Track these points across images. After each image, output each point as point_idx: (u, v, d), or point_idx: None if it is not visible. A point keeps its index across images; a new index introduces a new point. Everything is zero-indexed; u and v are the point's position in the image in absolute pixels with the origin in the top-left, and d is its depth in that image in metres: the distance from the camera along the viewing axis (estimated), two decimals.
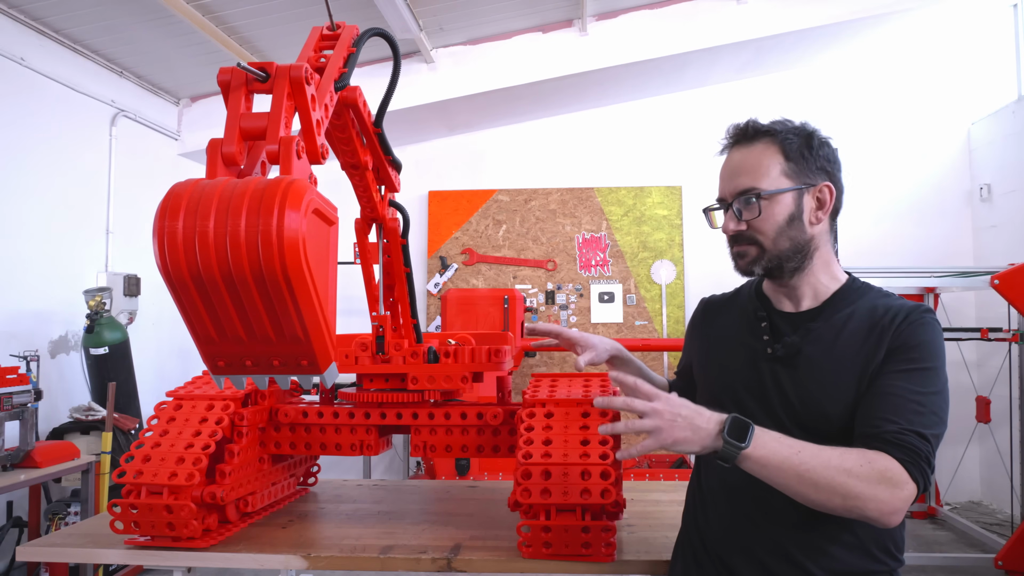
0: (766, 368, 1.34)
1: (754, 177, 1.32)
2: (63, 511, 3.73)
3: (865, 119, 6.06)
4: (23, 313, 4.24)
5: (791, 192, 1.31)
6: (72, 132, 4.71)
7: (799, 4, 5.08)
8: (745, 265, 1.36)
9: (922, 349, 1.23)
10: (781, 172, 1.32)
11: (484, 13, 5.03)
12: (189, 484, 1.57)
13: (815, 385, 1.27)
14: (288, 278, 1.05)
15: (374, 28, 1.56)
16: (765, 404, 1.32)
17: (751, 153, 1.34)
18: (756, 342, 1.38)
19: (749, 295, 1.47)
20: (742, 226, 1.33)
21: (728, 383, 1.39)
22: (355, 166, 1.67)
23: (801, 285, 1.36)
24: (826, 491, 1.10)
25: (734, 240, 1.37)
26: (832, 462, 1.11)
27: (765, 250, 1.33)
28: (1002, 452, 4.89)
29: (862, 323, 1.28)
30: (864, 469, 1.10)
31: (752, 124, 1.36)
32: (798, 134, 1.34)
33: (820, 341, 1.30)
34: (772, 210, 1.31)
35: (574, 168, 6.34)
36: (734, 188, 1.34)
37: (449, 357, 1.81)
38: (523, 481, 1.51)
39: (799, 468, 1.10)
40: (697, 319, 1.60)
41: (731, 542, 1.33)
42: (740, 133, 1.37)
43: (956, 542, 4.75)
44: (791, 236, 1.32)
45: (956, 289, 5.05)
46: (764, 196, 1.31)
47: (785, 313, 1.38)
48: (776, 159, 1.32)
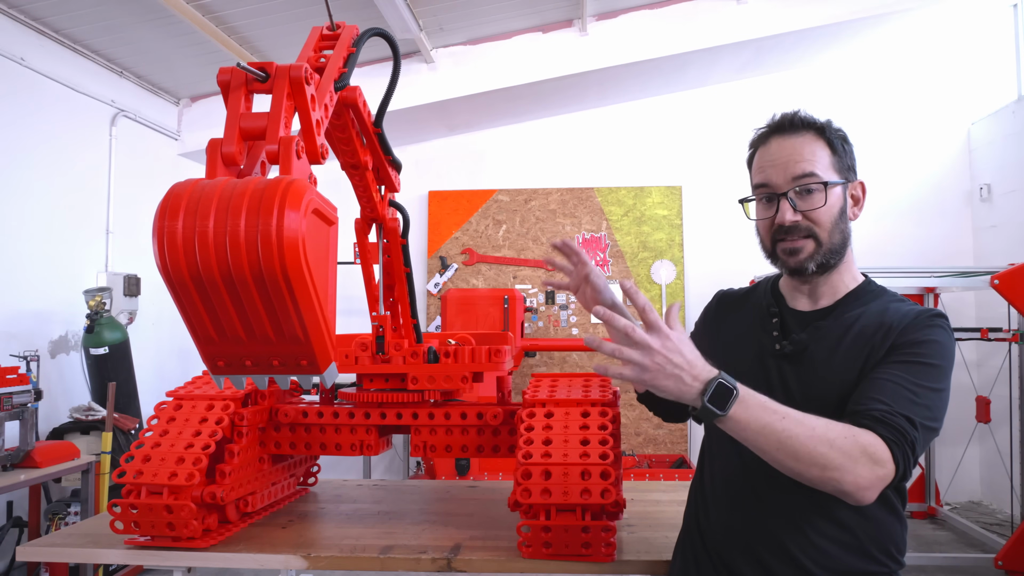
0: (772, 364, 1.33)
1: (813, 164, 1.29)
2: (63, 511, 3.72)
3: (865, 119, 6.05)
4: (23, 313, 4.24)
5: (840, 185, 1.30)
6: (72, 132, 4.71)
7: (799, 4, 5.08)
8: (799, 262, 1.30)
9: (928, 346, 1.21)
10: (830, 164, 1.30)
11: (484, 13, 5.02)
12: (189, 484, 1.57)
13: (818, 383, 1.26)
14: (288, 278, 1.05)
15: (374, 28, 1.56)
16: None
17: (801, 141, 1.31)
18: (766, 338, 1.37)
19: (765, 291, 1.46)
20: (798, 217, 1.29)
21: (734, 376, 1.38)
22: (355, 166, 1.67)
23: (825, 284, 1.35)
24: (806, 461, 1.06)
25: (787, 232, 1.30)
26: (816, 431, 1.07)
27: (821, 243, 1.29)
28: (1002, 452, 4.89)
29: (870, 324, 1.27)
30: (847, 443, 1.07)
31: (800, 113, 1.34)
32: (837, 129, 1.33)
33: (827, 339, 1.29)
34: (830, 201, 1.29)
35: (574, 168, 6.34)
36: (792, 175, 1.29)
37: (449, 357, 1.81)
38: (523, 481, 1.51)
39: (780, 435, 1.06)
40: (711, 312, 1.57)
41: (731, 541, 1.33)
42: (787, 121, 1.33)
43: (956, 542, 4.76)
44: (842, 229, 1.31)
45: (956, 289, 5.05)
46: (829, 185, 1.28)
47: (798, 311, 1.37)
48: (825, 151, 1.31)
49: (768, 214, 1.33)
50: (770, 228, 1.33)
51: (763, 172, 1.33)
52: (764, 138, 1.36)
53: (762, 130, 1.37)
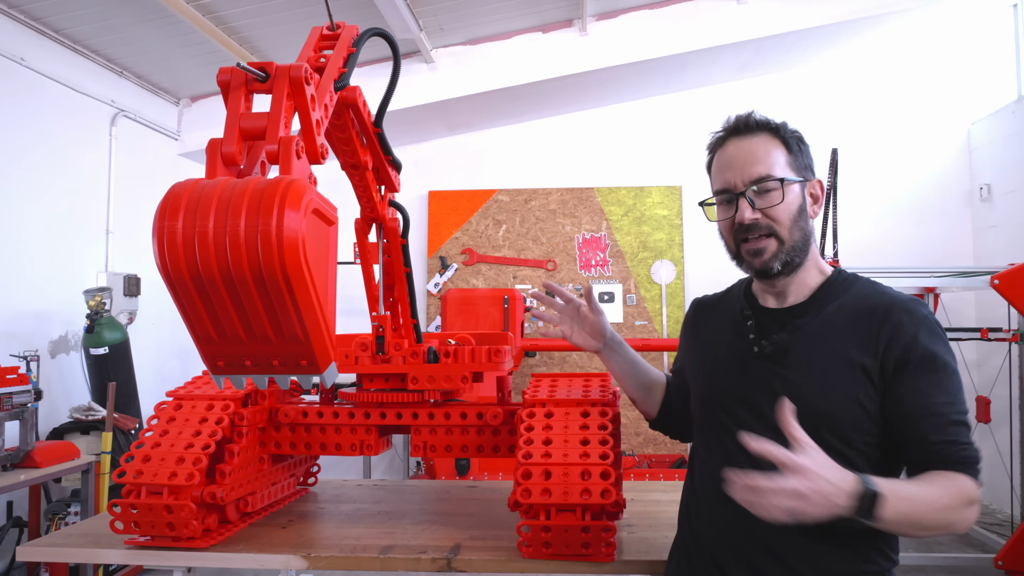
0: (754, 367, 1.33)
1: (768, 166, 1.31)
2: (63, 511, 3.72)
3: (865, 119, 6.05)
4: (23, 313, 4.24)
5: (797, 183, 1.33)
6: (72, 132, 4.71)
7: (799, 4, 5.08)
8: (764, 262, 1.31)
9: (932, 346, 1.23)
10: (786, 164, 1.33)
11: (484, 13, 5.02)
12: (189, 484, 1.57)
13: (807, 384, 1.26)
14: (288, 278, 1.05)
15: (374, 28, 1.56)
16: (751, 405, 1.31)
17: (757, 142, 1.34)
18: (743, 342, 1.37)
19: (738, 295, 1.46)
20: (757, 215, 1.31)
21: (716, 385, 1.39)
22: (355, 166, 1.67)
23: (790, 282, 1.35)
24: (931, 529, 1.13)
25: (748, 231, 1.32)
26: (935, 503, 1.12)
27: (783, 242, 1.31)
28: (1002, 452, 4.89)
29: (852, 316, 1.28)
30: (956, 500, 1.14)
31: (754, 115, 1.36)
32: (792, 129, 1.36)
33: (810, 338, 1.29)
34: (788, 198, 1.31)
35: (574, 168, 6.34)
36: (748, 176, 1.31)
37: (449, 357, 1.81)
38: (523, 481, 1.51)
39: (914, 520, 1.11)
40: (689, 321, 1.58)
41: (723, 542, 1.33)
42: (742, 123, 1.36)
43: (956, 542, 4.75)
44: (801, 227, 1.32)
45: (956, 289, 5.05)
46: (786, 182, 1.30)
47: (770, 309, 1.37)
48: (780, 150, 1.33)
49: (729, 215, 1.35)
50: (731, 228, 1.35)
51: (722, 175, 1.36)
52: (721, 141, 1.39)
53: (719, 134, 1.40)
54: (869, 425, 1.24)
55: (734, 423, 1.31)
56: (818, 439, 1.15)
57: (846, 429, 1.23)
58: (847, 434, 1.23)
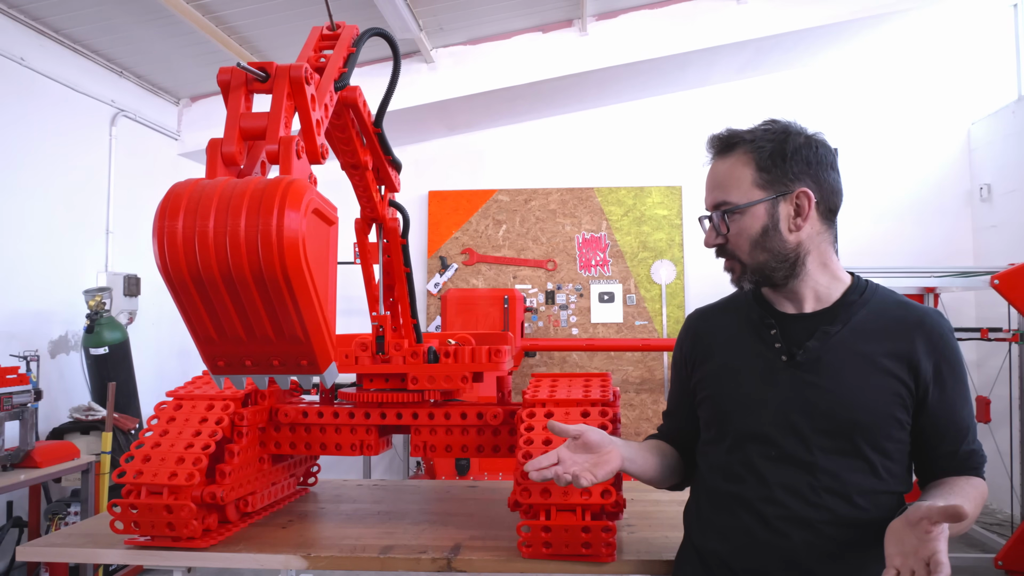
0: (784, 378, 1.28)
1: (726, 191, 1.31)
2: (63, 511, 3.72)
3: (865, 119, 6.05)
4: (23, 313, 4.24)
5: (763, 203, 1.28)
6: (72, 132, 4.70)
7: (799, 4, 5.08)
8: (735, 281, 1.36)
9: (958, 360, 1.28)
10: (752, 183, 1.29)
11: (484, 13, 5.02)
12: (189, 484, 1.57)
13: (844, 393, 1.23)
14: (288, 278, 1.05)
15: (374, 28, 1.56)
16: (782, 416, 1.26)
17: (725, 165, 1.33)
18: (766, 349, 1.32)
19: (748, 301, 1.41)
20: (720, 240, 1.33)
21: (743, 396, 1.32)
22: (355, 166, 1.67)
23: (800, 288, 1.32)
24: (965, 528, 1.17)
25: (719, 254, 1.37)
26: (971, 504, 1.18)
27: (745, 265, 1.32)
28: (1002, 452, 4.88)
29: (882, 325, 1.27)
30: (980, 500, 1.23)
31: (727, 134, 1.34)
32: (772, 140, 1.29)
33: (842, 347, 1.26)
34: (744, 224, 1.29)
35: (574, 168, 6.34)
36: (710, 201, 1.35)
37: (449, 357, 1.81)
38: (523, 481, 1.51)
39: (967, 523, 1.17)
40: (691, 334, 1.49)
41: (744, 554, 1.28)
42: (718, 144, 1.35)
43: (956, 542, 4.76)
44: (768, 248, 1.28)
45: (956, 289, 5.05)
46: (737, 210, 1.29)
47: (792, 316, 1.33)
48: (747, 170, 1.29)
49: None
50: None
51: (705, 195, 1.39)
52: (709, 161, 1.39)
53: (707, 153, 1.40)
54: (901, 434, 1.25)
55: (764, 433, 1.27)
56: (852, 449, 1.16)
57: (880, 438, 1.23)
58: (881, 443, 1.23)
